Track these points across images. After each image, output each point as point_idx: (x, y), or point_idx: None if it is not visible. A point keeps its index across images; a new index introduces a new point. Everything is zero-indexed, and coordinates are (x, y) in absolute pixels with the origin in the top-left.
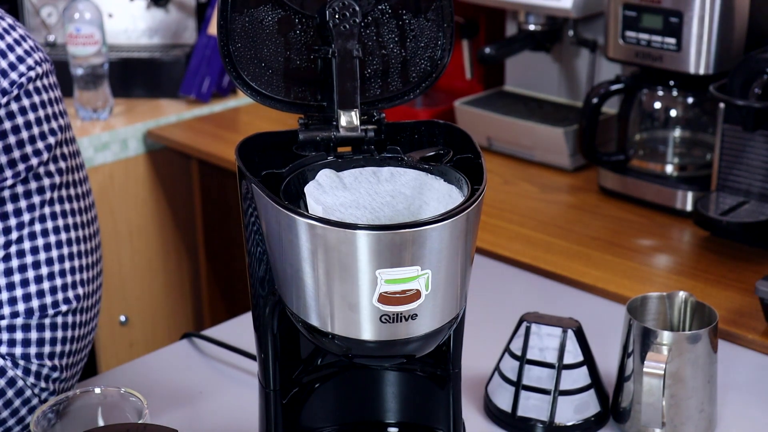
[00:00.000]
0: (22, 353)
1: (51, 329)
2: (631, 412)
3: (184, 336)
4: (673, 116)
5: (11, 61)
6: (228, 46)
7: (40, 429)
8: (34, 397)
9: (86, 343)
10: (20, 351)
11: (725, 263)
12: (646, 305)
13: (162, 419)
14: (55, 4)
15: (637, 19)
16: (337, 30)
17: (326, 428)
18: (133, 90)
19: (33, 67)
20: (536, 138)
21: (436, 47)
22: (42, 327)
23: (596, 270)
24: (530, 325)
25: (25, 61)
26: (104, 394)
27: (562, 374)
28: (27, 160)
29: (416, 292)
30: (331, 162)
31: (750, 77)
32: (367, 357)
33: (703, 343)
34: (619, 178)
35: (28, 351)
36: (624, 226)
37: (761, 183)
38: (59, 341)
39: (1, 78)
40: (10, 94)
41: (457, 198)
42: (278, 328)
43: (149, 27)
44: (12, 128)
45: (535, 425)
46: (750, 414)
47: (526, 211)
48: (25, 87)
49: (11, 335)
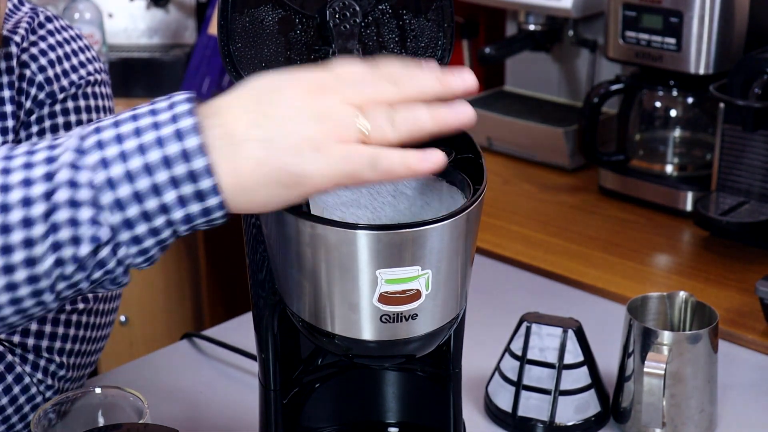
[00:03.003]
0: (34, 344)
1: (65, 325)
2: (631, 412)
3: (185, 336)
4: (673, 116)
5: (73, 64)
6: (228, 45)
7: (41, 428)
8: (39, 395)
9: (97, 349)
10: (32, 342)
11: (725, 263)
12: (647, 305)
13: (162, 419)
14: (55, 4)
15: (637, 19)
16: (338, 30)
17: (326, 428)
18: (133, 90)
19: (92, 73)
20: (536, 138)
21: (436, 47)
22: (57, 321)
23: (596, 270)
24: (530, 325)
25: (85, 66)
26: (105, 394)
27: (562, 374)
28: None
29: (416, 292)
30: None
31: (750, 77)
32: (368, 357)
33: (704, 343)
34: (619, 178)
35: (40, 343)
36: (624, 226)
37: (761, 183)
38: (70, 339)
39: (62, 77)
40: (68, 91)
41: (458, 199)
42: (278, 328)
43: (149, 27)
44: (64, 123)
45: (536, 425)
46: (750, 414)
47: (526, 211)
48: (83, 89)
49: (27, 325)
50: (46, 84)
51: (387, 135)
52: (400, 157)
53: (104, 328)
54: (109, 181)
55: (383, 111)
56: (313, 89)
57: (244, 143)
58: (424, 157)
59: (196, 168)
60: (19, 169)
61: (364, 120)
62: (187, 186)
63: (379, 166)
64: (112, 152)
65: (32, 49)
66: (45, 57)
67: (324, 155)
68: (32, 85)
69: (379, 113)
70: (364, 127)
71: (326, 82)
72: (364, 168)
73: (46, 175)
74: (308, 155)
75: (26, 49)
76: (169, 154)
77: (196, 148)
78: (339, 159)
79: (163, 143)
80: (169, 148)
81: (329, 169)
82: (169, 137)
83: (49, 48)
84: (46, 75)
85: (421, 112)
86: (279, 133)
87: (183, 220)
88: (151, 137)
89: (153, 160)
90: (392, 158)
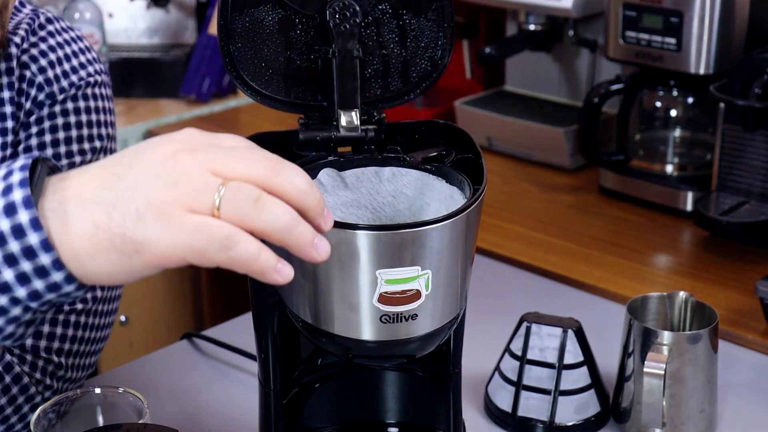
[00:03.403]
0: (32, 344)
1: (63, 326)
2: (631, 412)
3: (184, 336)
4: (673, 116)
5: (73, 66)
6: (228, 46)
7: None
8: (38, 395)
9: (96, 349)
10: (30, 342)
11: (725, 263)
12: (647, 305)
13: (162, 419)
14: (55, 4)
15: (637, 19)
16: (338, 30)
17: (326, 428)
18: (134, 90)
19: (92, 74)
20: (536, 138)
21: (436, 47)
22: (55, 322)
23: (596, 270)
24: (530, 325)
25: (85, 68)
26: (104, 394)
27: (562, 374)
28: (71, 157)
29: (416, 293)
30: (333, 161)
31: (750, 77)
32: (368, 357)
33: (704, 343)
34: (619, 178)
35: (38, 343)
36: (624, 226)
37: (761, 183)
38: (69, 339)
39: (63, 78)
40: (68, 92)
41: (458, 199)
42: (278, 328)
43: (149, 27)
44: (63, 124)
45: (536, 425)
46: (750, 414)
47: (526, 211)
48: (83, 90)
49: None
50: (46, 85)
51: (243, 216)
52: (258, 251)
53: (103, 329)
54: None
55: (249, 191)
56: (180, 150)
57: (88, 206)
58: (281, 267)
59: (32, 243)
60: None
61: (223, 191)
62: (25, 263)
63: (231, 251)
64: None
65: (32, 50)
66: (45, 58)
67: (168, 223)
68: (32, 86)
69: (243, 191)
70: (220, 200)
71: (198, 145)
72: (213, 247)
73: None
74: (150, 222)
75: (26, 50)
76: (0, 231)
77: (28, 222)
78: (184, 230)
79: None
80: (0, 225)
81: (172, 240)
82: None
83: (49, 49)
84: (46, 76)
85: (290, 217)
86: (124, 196)
87: (30, 296)
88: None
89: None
90: (250, 249)
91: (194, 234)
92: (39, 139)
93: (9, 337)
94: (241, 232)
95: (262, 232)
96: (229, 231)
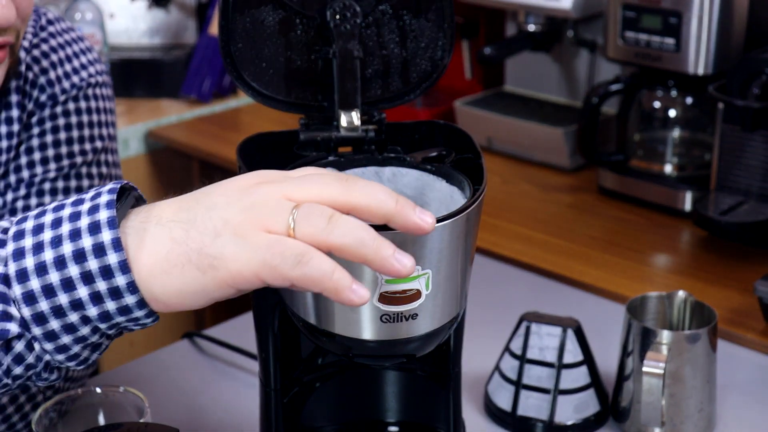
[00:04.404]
0: None
1: None
2: (630, 411)
3: (185, 335)
4: (672, 116)
5: (75, 67)
6: (229, 46)
7: (42, 427)
8: (39, 394)
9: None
10: None
11: (724, 263)
12: (646, 305)
13: (163, 418)
14: (56, 4)
15: (637, 19)
16: (338, 30)
17: (326, 427)
18: (134, 90)
19: (94, 75)
20: (536, 138)
21: (436, 48)
22: None
23: (596, 270)
24: (530, 324)
25: (87, 68)
26: (105, 393)
27: (561, 373)
28: (72, 157)
29: (416, 292)
30: (334, 161)
31: (749, 77)
32: (368, 357)
33: (703, 342)
34: (618, 178)
35: None
36: (623, 226)
37: (760, 183)
38: None
39: (64, 79)
40: (69, 93)
41: (458, 199)
42: (279, 327)
43: (150, 27)
44: (65, 125)
45: (535, 424)
46: (749, 413)
47: (526, 211)
48: (84, 91)
49: None
50: (48, 86)
51: (317, 233)
52: (332, 269)
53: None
54: (19, 273)
55: (322, 210)
56: (256, 182)
57: (166, 225)
58: (355, 288)
59: (110, 263)
60: None
61: (296, 212)
62: (101, 282)
63: (305, 267)
64: (27, 243)
65: (34, 51)
66: (47, 59)
67: (244, 241)
68: (34, 87)
69: (316, 211)
70: (294, 220)
71: (273, 178)
72: (287, 263)
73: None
74: (227, 238)
75: (29, 52)
76: (81, 248)
77: (110, 242)
78: (260, 247)
79: (76, 236)
80: (82, 242)
81: (247, 256)
82: (83, 230)
83: (51, 50)
84: (48, 77)
85: (365, 232)
86: (203, 216)
87: (100, 317)
88: (66, 229)
89: (65, 253)
90: (322, 266)
91: (268, 250)
92: (40, 139)
93: (74, 358)
94: (315, 249)
95: (339, 248)
96: (303, 248)
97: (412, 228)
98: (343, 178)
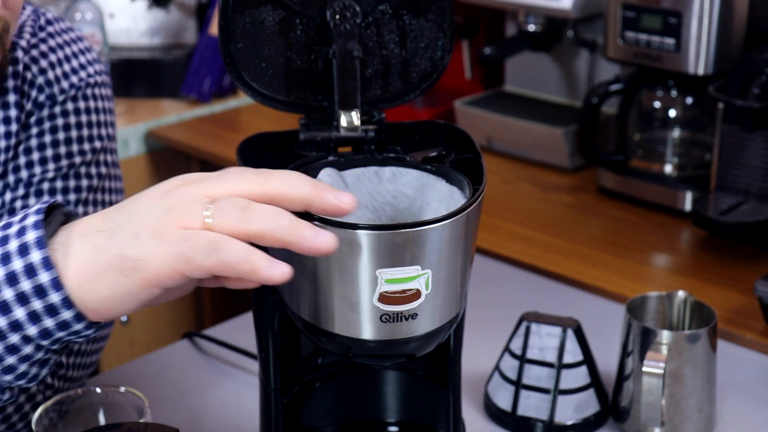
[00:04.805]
0: None
1: None
2: (630, 411)
3: (185, 335)
4: (672, 116)
5: (74, 67)
6: (229, 46)
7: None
8: (39, 394)
9: (96, 349)
10: None
11: (724, 263)
12: (646, 305)
13: (163, 418)
14: (56, 4)
15: (637, 19)
16: (338, 30)
17: (326, 427)
18: (134, 90)
19: (92, 75)
20: (536, 138)
21: (436, 48)
22: None
23: (596, 270)
24: (530, 324)
25: (86, 68)
26: (105, 393)
27: (561, 373)
28: (71, 157)
29: (416, 292)
30: (334, 161)
31: (749, 77)
32: (368, 356)
33: (702, 342)
34: (618, 178)
35: None
36: (623, 226)
37: (760, 183)
38: None
39: (63, 79)
40: (68, 93)
41: (458, 199)
42: (279, 327)
43: (150, 27)
44: (64, 125)
45: (535, 424)
46: (749, 413)
47: (526, 211)
48: (83, 91)
49: None
50: (47, 86)
51: (233, 223)
52: (246, 252)
53: (103, 328)
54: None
55: (236, 201)
56: (175, 186)
57: (91, 235)
58: (272, 264)
59: (42, 282)
60: None
61: (212, 207)
62: (36, 301)
63: (219, 254)
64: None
65: (33, 51)
66: (46, 59)
67: (162, 239)
68: (33, 87)
69: (230, 202)
70: (210, 214)
71: (191, 180)
72: (201, 252)
73: None
74: (145, 240)
75: (28, 52)
76: (13, 270)
77: (39, 262)
78: (175, 241)
79: (7, 259)
80: (12, 264)
81: (164, 252)
82: (13, 253)
83: (50, 50)
84: (47, 77)
85: (281, 217)
86: (124, 222)
87: (41, 335)
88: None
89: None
90: (235, 250)
91: (183, 243)
92: (39, 139)
93: (23, 377)
94: (228, 237)
95: (257, 235)
96: (216, 236)
97: (331, 210)
98: (260, 171)
